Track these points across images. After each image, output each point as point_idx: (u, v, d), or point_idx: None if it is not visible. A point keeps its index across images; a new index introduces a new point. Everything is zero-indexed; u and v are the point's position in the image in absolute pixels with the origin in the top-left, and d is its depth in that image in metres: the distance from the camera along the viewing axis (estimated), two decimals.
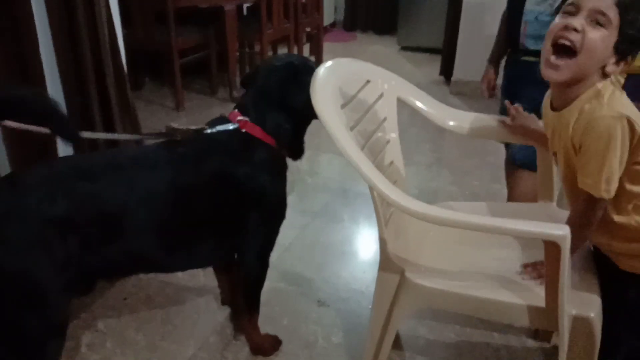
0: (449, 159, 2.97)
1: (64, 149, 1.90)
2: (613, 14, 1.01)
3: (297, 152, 1.43)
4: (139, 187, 1.20)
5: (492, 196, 2.48)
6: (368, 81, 1.36)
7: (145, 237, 1.23)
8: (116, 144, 1.89)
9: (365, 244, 2.18)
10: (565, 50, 1.05)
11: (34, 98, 1.13)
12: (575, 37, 1.03)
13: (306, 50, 4.60)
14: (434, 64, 4.45)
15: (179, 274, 1.85)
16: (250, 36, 4.00)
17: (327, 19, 5.62)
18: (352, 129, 1.20)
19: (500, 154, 2.19)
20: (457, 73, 3.96)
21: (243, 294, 1.51)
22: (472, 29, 3.76)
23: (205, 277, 1.84)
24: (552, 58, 1.06)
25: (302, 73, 1.29)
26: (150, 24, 3.33)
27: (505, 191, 2.03)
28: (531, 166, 1.57)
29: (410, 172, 2.76)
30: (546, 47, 1.08)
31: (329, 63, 1.26)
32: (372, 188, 1.12)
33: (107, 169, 1.21)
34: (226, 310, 1.72)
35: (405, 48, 5.29)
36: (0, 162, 1.83)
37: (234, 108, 1.37)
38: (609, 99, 1.04)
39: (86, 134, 1.71)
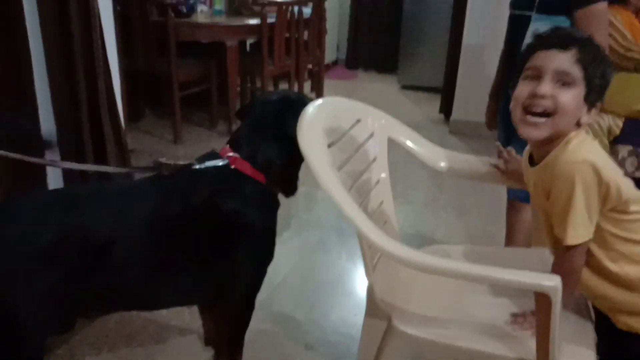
0: (446, 199, 2.93)
1: (53, 179, 1.89)
2: (577, 70, 1.02)
3: (290, 189, 1.41)
4: (124, 220, 1.18)
5: (489, 237, 2.44)
6: (358, 120, 1.34)
7: (129, 271, 1.19)
8: (107, 176, 1.87)
9: (358, 284, 2.13)
10: (539, 113, 1.05)
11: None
12: (546, 102, 1.03)
13: (307, 87, 4.64)
14: (434, 103, 4.47)
15: (163, 312, 1.80)
16: (251, 71, 4.03)
17: (329, 57, 5.69)
18: (339, 168, 1.18)
19: (498, 193, 2.16)
20: (456, 112, 3.98)
21: (226, 334, 1.46)
22: (471, 69, 3.79)
23: (189, 316, 1.78)
24: (529, 117, 1.05)
25: (297, 108, 1.28)
26: (151, 52, 3.36)
27: (503, 233, 2.00)
28: (526, 199, 1.54)
29: (406, 212, 2.76)
30: (517, 112, 1.08)
31: (318, 101, 1.24)
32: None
33: (93, 201, 1.19)
34: (210, 352, 1.65)
35: (405, 87, 5.33)
36: None
37: (227, 143, 1.35)
38: (575, 146, 1.04)
39: (74, 165, 1.70)
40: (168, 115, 3.75)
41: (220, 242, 1.28)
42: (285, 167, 1.34)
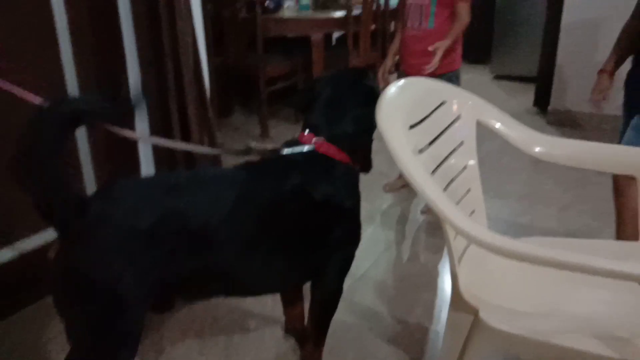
0: (543, 192, 2.73)
1: (146, 164, 1.99)
2: None
3: (368, 165, 1.40)
4: (221, 204, 1.19)
5: (591, 234, 2.23)
6: (443, 102, 1.26)
7: (226, 255, 1.21)
8: (193, 160, 1.93)
9: (443, 278, 2.03)
10: None
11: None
12: None
13: (393, 78, 4.54)
14: (528, 93, 4.20)
15: (248, 300, 1.83)
16: (337, 64, 4.02)
17: None
18: (421, 151, 1.11)
19: (602, 186, 1.95)
20: (555, 102, 3.69)
21: (315, 319, 1.44)
22: (571, 54, 3.50)
23: (272, 304, 1.80)
24: None
25: (367, 83, 1.26)
26: (241, 52, 3.46)
27: (607, 230, 1.82)
28: None
29: (499, 205, 2.60)
30: None
31: (400, 82, 1.19)
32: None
33: (190, 186, 1.21)
34: (290, 340, 1.65)
35: (498, 77, 5.06)
36: (86, 176, 1.95)
37: (304, 128, 1.34)
38: None
39: (167, 142, 1.77)
40: (256, 111, 3.84)
41: (316, 224, 1.28)
42: (364, 144, 1.33)
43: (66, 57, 1.84)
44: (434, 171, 1.16)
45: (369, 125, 1.26)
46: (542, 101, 3.87)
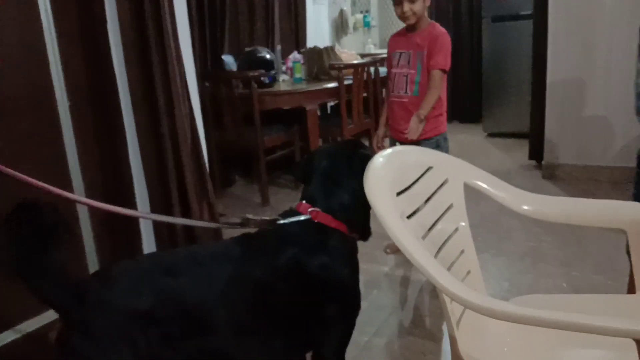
0: (543, 249, 2.73)
1: (148, 243, 2.02)
2: None
3: (367, 233, 1.42)
4: (217, 284, 1.21)
5: (595, 289, 2.21)
6: (430, 167, 1.31)
7: (222, 332, 1.21)
8: (193, 232, 1.97)
9: (449, 343, 2.00)
10: None
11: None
12: None
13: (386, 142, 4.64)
14: (522, 149, 4.28)
15: None
16: (332, 132, 4.13)
17: None
18: (410, 217, 1.14)
19: (602, 240, 1.96)
20: (548, 156, 3.76)
21: None
22: (558, 108, 3.61)
23: None
24: None
25: (362, 155, 1.32)
26: (239, 126, 3.57)
27: (609, 283, 1.81)
28: None
29: (500, 264, 2.59)
30: None
31: (386, 151, 1.24)
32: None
33: (187, 266, 1.23)
34: None
35: (491, 134, 5.17)
36: (88, 255, 1.97)
37: (301, 199, 1.38)
38: None
39: (166, 219, 1.81)
40: (256, 180, 3.91)
41: (313, 297, 1.28)
42: (361, 214, 1.36)
43: (69, 145, 1.91)
44: (425, 235, 1.18)
45: (364, 194, 1.29)
46: (537, 156, 3.95)
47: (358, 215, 1.36)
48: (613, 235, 2.26)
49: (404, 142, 2.44)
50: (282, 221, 1.30)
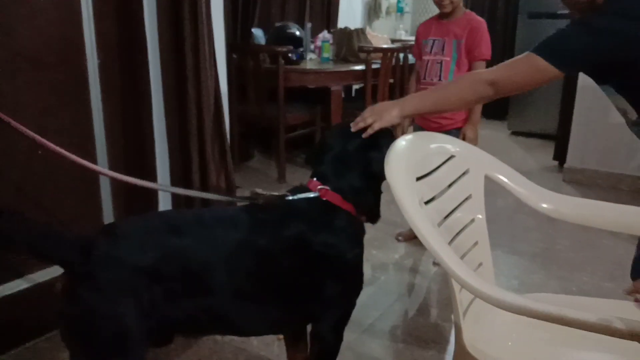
0: (557, 251, 2.70)
1: (163, 203, 2.05)
2: None
3: (375, 216, 1.42)
4: (221, 246, 1.23)
5: (604, 296, 2.18)
6: (452, 156, 1.30)
7: (222, 295, 1.23)
8: (209, 202, 1.99)
9: (453, 334, 2.00)
10: None
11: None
12: None
13: (411, 131, 4.62)
14: (547, 150, 4.22)
15: (254, 342, 1.83)
16: (354, 115, 4.11)
17: None
18: (427, 203, 1.14)
19: (616, 248, 1.93)
20: (571, 160, 3.71)
21: None
22: (587, 113, 3.54)
23: (279, 348, 1.79)
24: None
25: (378, 136, 1.30)
26: (263, 101, 3.57)
27: (621, 292, 1.79)
28: None
29: (511, 262, 2.58)
30: None
31: (409, 135, 1.23)
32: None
33: (193, 227, 1.25)
34: None
35: (516, 133, 5.11)
36: (105, 213, 2.01)
37: (312, 176, 1.38)
38: None
39: (179, 190, 1.83)
40: (274, 156, 3.92)
41: (313, 272, 1.29)
42: (371, 197, 1.35)
43: (95, 103, 1.93)
44: (441, 223, 1.18)
45: (376, 177, 1.29)
46: (561, 157, 3.89)
47: (367, 198, 1.35)
48: (628, 243, 2.23)
49: (433, 131, 2.43)
50: (290, 197, 1.31)
